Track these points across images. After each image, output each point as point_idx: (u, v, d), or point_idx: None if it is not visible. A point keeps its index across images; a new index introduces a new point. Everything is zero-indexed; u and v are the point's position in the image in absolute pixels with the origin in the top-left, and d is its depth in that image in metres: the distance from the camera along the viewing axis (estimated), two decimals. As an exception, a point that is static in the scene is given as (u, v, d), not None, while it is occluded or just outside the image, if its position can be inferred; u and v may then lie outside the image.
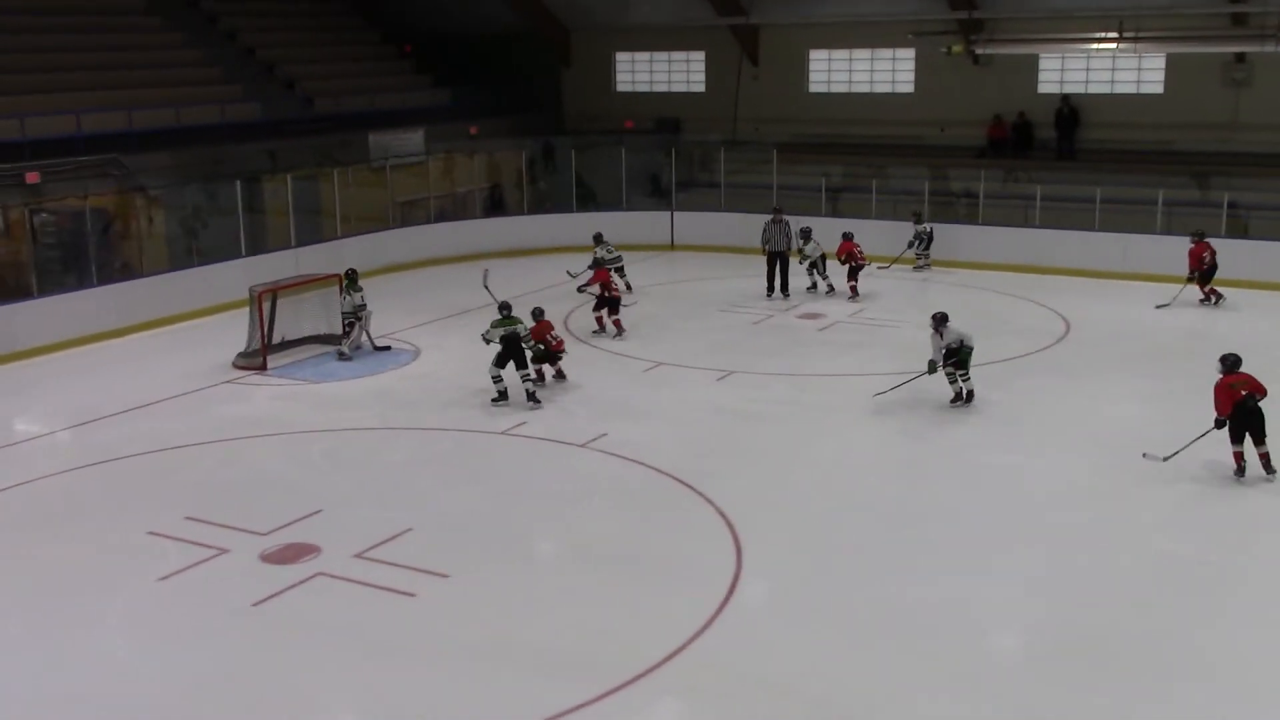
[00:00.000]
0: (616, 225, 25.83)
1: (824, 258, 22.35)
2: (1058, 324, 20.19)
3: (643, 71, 34.60)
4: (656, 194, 29.12)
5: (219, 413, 16.11)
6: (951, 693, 9.13)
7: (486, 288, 18.23)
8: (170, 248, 23.54)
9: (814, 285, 22.54)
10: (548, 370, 16.76)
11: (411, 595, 10.68)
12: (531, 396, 15.75)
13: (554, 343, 16.59)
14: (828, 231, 22.85)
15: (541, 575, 11.38)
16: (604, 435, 14.74)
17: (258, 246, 23.37)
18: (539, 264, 24.93)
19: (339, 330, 19.26)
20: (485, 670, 9.50)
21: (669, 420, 15.54)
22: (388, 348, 19.00)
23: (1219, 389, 12.81)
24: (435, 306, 21.92)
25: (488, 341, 15.99)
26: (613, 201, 27.86)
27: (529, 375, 15.93)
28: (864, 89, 31.49)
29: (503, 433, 14.99)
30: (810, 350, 18.93)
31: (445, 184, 28.74)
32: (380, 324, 19.94)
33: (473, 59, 33.10)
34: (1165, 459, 13.12)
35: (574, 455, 14.29)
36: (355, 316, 18.60)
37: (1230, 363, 12.93)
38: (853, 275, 22.17)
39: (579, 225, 26.84)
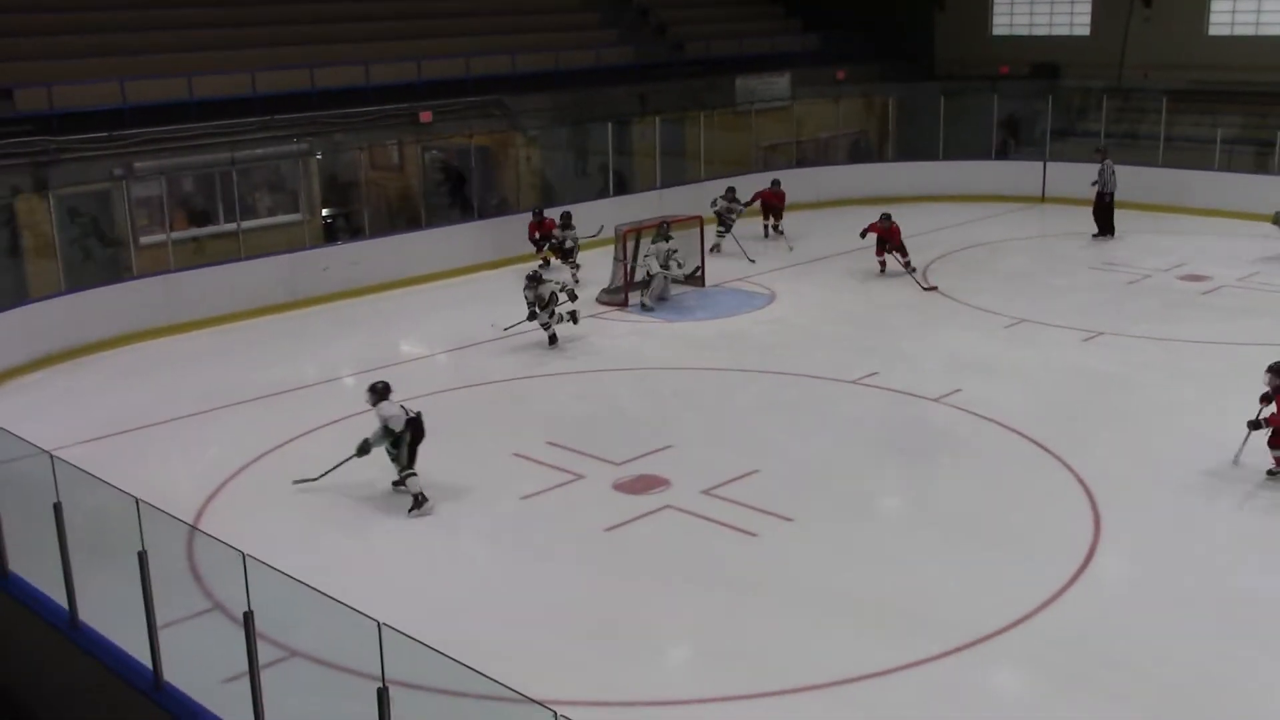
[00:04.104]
0: (984, 175, 24.92)
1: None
2: None
3: (1021, 13, 32.93)
4: (1029, 143, 27.78)
5: (581, 345, 16.83)
6: (1333, 697, 8.32)
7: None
8: (543, 186, 24.72)
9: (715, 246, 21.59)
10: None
11: (754, 535, 10.82)
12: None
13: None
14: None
15: (884, 528, 11.23)
16: (958, 391, 14.31)
17: (624, 187, 24.16)
18: (902, 212, 24.42)
19: (698, 272, 19.69)
20: (821, 616, 9.50)
21: (1029, 380, 14.89)
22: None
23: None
24: (795, 251, 21.92)
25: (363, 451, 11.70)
26: (981, 151, 26.79)
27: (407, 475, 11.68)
28: (1274, 31, 28.64)
29: (853, 381, 14.84)
30: (1190, 314, 17.57)
31: (809, 129, 28.59)
32: (739, 267, 20.21)
33: (844, 3, 32.60)
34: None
35: (926, 409, 13.97)
36: (664, 264, 18.64)
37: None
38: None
39: (945, 174, 26.10)
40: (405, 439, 11.52)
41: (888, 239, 19.64)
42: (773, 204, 22.86)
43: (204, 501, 11.80)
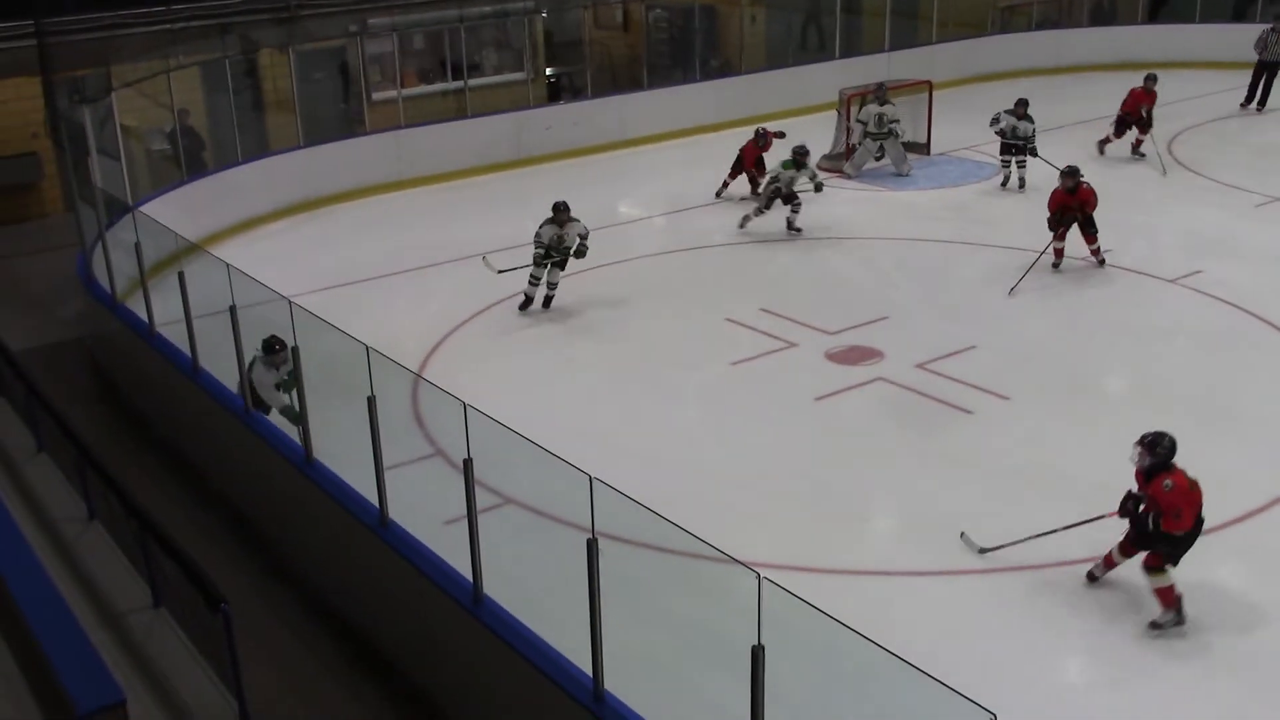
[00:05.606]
0: (1244, 40, 23.05)
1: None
2: None
3: None
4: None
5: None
6: None
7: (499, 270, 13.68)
8: (769, 47, 24.14)
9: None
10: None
11: (969, 412, 10.59)
12: None
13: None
14: None
15: (1107, 412, 10.77)
16: (1198, 272, 13.53)
17: (852, 48, 23.40)
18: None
19: (924, 139, 19.06)
20: (1033, 496, 9.27)
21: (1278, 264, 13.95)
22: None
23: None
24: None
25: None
26: (1240, 13, 24.67)
27: None
28: None
29: (1082, 259, 14.19)
30: None
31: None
32: (961, 135, 19.43)
33: None
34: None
35: (1161, 290, 13.27)
36: (883, 134, 18.00)
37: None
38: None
39: (1199, 38, 24.27)
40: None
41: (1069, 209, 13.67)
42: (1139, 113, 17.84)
43: (428, 351, 12.29)
